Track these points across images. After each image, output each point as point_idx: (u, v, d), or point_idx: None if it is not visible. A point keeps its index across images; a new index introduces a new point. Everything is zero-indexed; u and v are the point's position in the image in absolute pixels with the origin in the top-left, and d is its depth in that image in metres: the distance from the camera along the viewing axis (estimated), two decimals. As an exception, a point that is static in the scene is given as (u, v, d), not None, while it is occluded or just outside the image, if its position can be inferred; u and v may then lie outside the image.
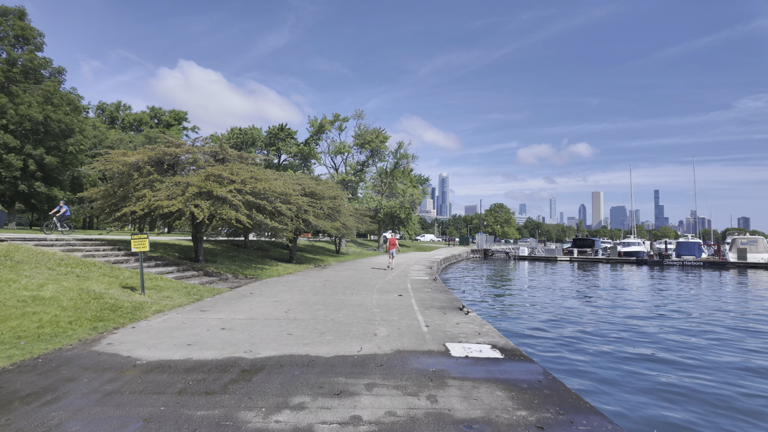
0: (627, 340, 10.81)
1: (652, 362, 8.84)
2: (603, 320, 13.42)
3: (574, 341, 10.53)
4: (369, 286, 13.44)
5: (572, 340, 10.61)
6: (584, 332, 11.58)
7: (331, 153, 41.25)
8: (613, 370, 8.21)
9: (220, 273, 15.15)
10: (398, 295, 11.49)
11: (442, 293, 12.13)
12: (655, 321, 13.53)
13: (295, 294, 11.37)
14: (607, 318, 13.88)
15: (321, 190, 20.43)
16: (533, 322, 12.87)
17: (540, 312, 14.71)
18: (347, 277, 16.64)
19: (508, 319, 13.33)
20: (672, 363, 8.78)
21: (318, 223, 19.74)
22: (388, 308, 9.30)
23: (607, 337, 11.03)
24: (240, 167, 15.17)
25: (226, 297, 10.62)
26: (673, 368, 8.43)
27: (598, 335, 11.25)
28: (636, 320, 13.58)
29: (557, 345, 10.11)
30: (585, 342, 10.48)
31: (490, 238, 72.08)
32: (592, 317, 13.94)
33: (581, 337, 10.94)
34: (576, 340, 10.69)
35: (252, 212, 14.17)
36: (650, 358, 9.16)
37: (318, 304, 9.68)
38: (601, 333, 11.53)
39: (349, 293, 11.73)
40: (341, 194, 22.09)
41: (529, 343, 10.23)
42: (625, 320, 13.48)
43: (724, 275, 32.63)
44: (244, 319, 7.88)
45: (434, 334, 6.82)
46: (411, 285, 14.20)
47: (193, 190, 13.28)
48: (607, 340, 10.78)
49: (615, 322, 13.20)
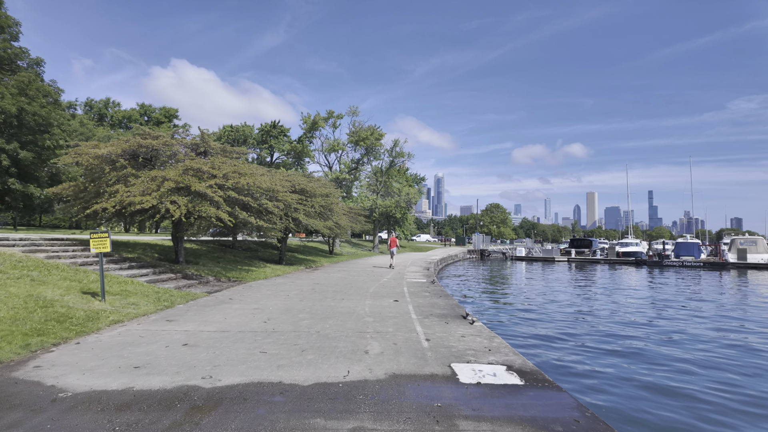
0: (666, 358, 9.17)
1: (717, 388, 7.20)
2: (624, 328, 12.32)
3: (597, 355, 9.28)
4: (362, 290, 12.35)
5: (595, 354, 9.34)
6: (607, 344, 10.32)
7: (325, 151, 40.11)
8: (672, 408, 6.35)
9: (200, 276, 13.99)
10: (394, 301, 10.40)
11: (442, 298, 11.06)
12: (683, 325, 12.53)
13: (279, 300, 10.24)
14: (627, 324, 12.77)
15: (312, 188, 19.31)
16: (546, 330, 11.74)
17: (550, 319, 13.58)
18: (339, 279, 15.53)
19: (517, 328, 12.15)
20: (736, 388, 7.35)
21: (309, 222, 18.62)
22: (382, 317, 8.21)
23: (643, 357, 9.21)
24: (223, 161, 14.02)
25: (201, 303, 9.48)
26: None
27: (625, 349, 9.77)
28: (666, 329, 12.57)
29: (581, 361, 8.83)
30: (613, 358, 9.07)
31: (487, 239, 71.21)
32: (610, 324, 12.78)
33: (605, 350, 9.70)
34: (599, 353, 9.47)
35: (235, 210, 13.02)
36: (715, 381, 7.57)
37: (303, 313, 8.57)
38: (630, 346, 10.08)
39: (339, 298, 10.62)
40: (334, 192, 20.99)
41: (547, 359, 8.96)
42: (656, 332, 11.91)
43: (729, 276, 31.87)
44: (213, 331, 6.76)
45: (437, 351, 5.74)
46: (407, 288, 13.12)
47: (170, 185, 12.12)
48: (643, 357, 9.11)
49: (639, 332, 11.83)
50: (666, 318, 14.01)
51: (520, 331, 11.78)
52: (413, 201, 48.46)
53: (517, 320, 13.30)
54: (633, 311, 15.30)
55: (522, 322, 13.03)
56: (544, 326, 12.36)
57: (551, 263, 48.46)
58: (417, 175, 63.29)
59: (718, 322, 13.25)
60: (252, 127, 51.81)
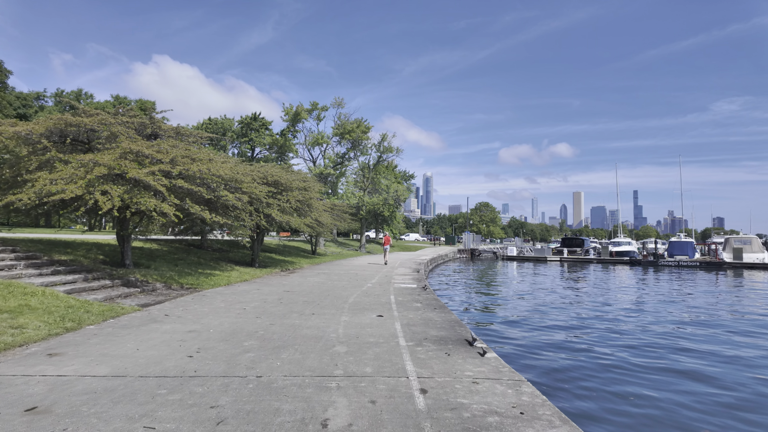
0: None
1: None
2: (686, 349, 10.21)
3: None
4: (340, 300, 10.13)
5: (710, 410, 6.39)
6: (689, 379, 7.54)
7: (308, 144, 37.71)
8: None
9: (146, 282, 11.60)
10: (377, 316, 8.22)
11: (438, 311, 8.92)
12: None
13: (229, 316, 7.97)
14: (702, 355, 9.65)
15: (287, 180, 17.00)
16: (586, 361, 8.71)
17: (584, 342, 10.44)
18: (316, 285, 13.28)
19: (543, 357, 8.99)
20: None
21: (284, 219, 16.31)
22: (359, 344, 6.02)
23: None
24: (173, 144, 11.65)
25: (121, 323, 7.16)
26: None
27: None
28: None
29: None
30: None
31: (477, 238, 69.53)
32: (666, 345, 10.09)
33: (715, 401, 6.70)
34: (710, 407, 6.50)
35: (185, 203, 10.68)
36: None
37: (253, 338, 6.33)
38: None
39: (309, 313, 8.40)
40: (313, 186, 18.70)
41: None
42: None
43: (731, 277, 30.50)
44: (102, 376, 4.48)
45: (440, 419, 3.56)
46: (395, 296, 10.95)
47: (101, 172, 9.73)
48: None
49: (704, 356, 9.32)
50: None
51: (548, 360, 8.76)
52: (402, 198, 46.38)
53: (536, 342, 10.40)
54: (698, 324, 13.25)
55: (545, 345, 10.07)
56: (580, 354, 9.34)
57: (543, 263, 46.92)
58: (406, 172, 61.28)
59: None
60: (232, 120, 49.10)
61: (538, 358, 8.89)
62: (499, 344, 10.00)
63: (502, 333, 11.19)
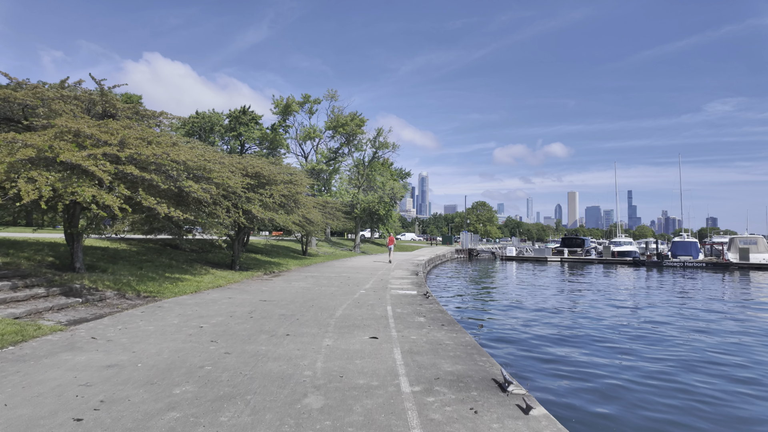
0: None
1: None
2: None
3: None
4: (325, 313, 8.27)
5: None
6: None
7: (300, 139, 35.75)
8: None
9: (94, 290, 9.66)
10: (370, 337, 6.36)
11: (447, 328, 7.09)
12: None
13: (177, 339, 6.07)
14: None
15: (270, 172, 15.08)
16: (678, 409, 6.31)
17: (640, 372, 7.91)
18: (300, 292, 11.38)
19: (617, 412, 6.17)
20: None
21: (266, 215, 14.39)
22: (342, 393, 4.15)
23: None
24: (127, 124, 9.71)
25: (16, 354, 5.24)
26: None
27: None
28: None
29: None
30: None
31: (475, 238, 67.82)
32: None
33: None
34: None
35: (138, 193, 8.76)
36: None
37: (191, 380, 4.43)
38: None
39: (282, 334, 6.53)
40: (301, 179, 16.79)
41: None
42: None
43: (743, 279, 28.95)
44: None
45: None
46: (392, 307, 9.10)
47: (28, 154, 7.79)
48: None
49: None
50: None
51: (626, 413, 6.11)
52: (398, 196, 44.54)
53: (581, 376, 7.66)
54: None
55: (595, 386, 7.15)
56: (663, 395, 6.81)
57: (543, 263, 45.34)
58: (402, 169, 59.47)
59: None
60: (221, 114, 46.97)
61: (601, 410, 6.22)
62: (537, 381, 7.43)
63: (532, 361, 8.63)
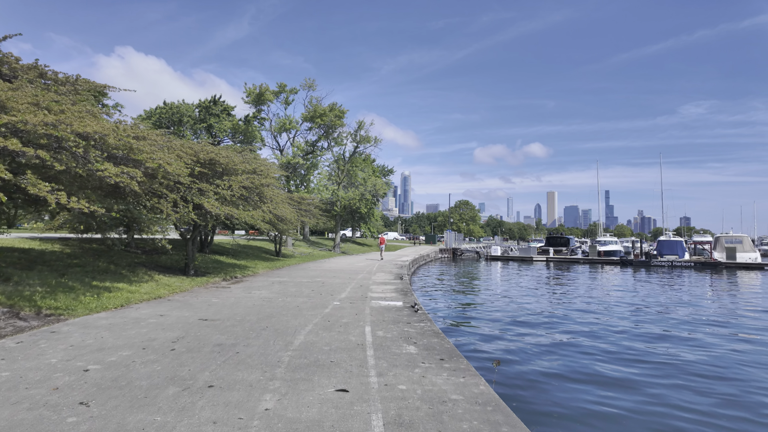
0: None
1: None
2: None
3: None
4: (279, 340, 6.06)
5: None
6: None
7: (275, 130, 33.18)
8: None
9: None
10: (336, 391, 4.20)
11: (449, 366, 4.98)
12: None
13: (24, 400, 3.79)
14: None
15: (229, 160, 12.72)
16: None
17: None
18: (257, 306, 9.10)
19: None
20: None
21: (223, 211, 12.02)
22: None
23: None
24: (16, 85, 7.26)
25: None
26: None
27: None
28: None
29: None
30: None
31: (459, 237, 66.33)
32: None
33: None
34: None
35: (26, 176, 6.36)
36: None
37: None
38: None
39: (203, 383, 4.29)
40: (267, 169, 14.45)
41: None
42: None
43: (733, 278, 28.01)
44: None
45: None
46: (372, 329, 6.97)
47: None
48: None
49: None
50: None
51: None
52: (381, 193, 42.43)
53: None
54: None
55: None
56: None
57: (529, 263, 44.10)
58: (385, 166, 57.39)
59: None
60: (191, 105, 43.83)
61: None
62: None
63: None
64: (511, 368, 8.23)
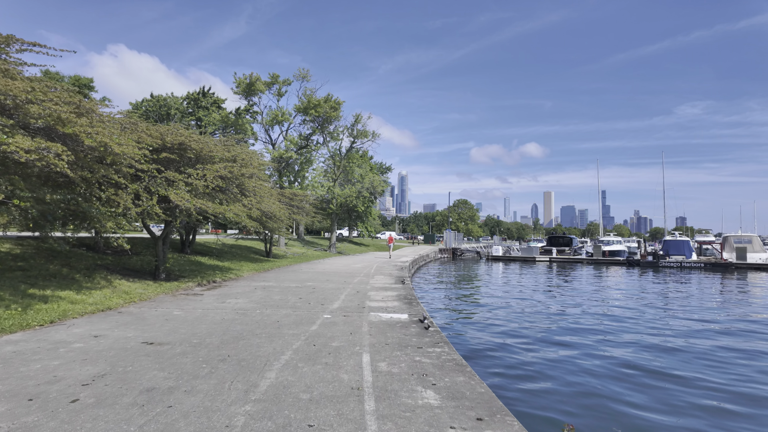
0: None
1: None
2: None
3: None
4: (240, 380, 4.22)
5: None
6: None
7: (266, 123, 31.26)
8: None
9: None
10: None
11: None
12: None
13: None
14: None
15: (204, 145, 10.85)
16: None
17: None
18: (226, 321, 7.23)
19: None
20: None
21: (195, 204, 10.14)
22: None
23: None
24: None
25: None
26: None
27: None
28: None
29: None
30: None
31: (459, 236, 64.60)
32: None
33: None
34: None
35: None
36: None
37: None
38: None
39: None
40: (249, 157, 12.58)
41: None
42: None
43: (747, 279, 26.42)
44: None
45: None
46: (371, 359, 5.15)
47: None
48: None
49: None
50: None
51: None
52: (378, 191, 40.62)
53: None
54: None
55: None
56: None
57: (532, 263, 42.49)
58: (383, 163, 55.64)
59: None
60: (179, 98, 41.86)
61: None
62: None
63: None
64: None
